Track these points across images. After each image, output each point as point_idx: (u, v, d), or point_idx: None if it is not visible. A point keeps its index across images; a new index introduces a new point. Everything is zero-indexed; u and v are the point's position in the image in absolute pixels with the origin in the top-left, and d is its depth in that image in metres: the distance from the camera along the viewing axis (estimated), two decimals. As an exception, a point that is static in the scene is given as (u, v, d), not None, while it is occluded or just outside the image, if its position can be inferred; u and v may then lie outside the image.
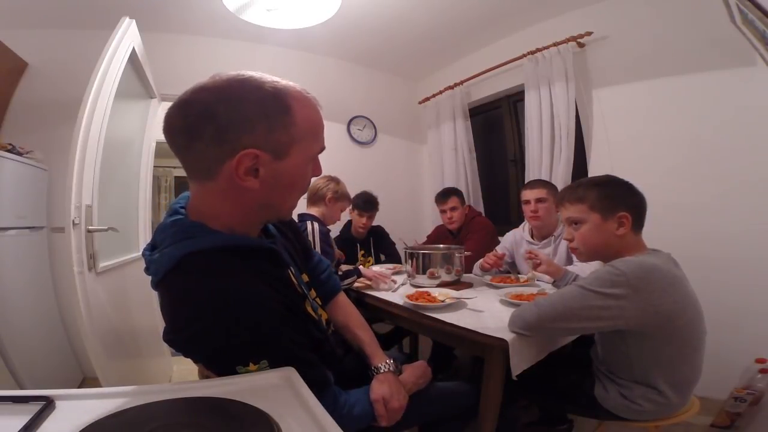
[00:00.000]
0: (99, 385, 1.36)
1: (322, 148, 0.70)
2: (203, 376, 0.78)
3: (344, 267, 1.83)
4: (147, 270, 0.69)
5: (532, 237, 1.91)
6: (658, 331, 0.96)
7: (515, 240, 2.02)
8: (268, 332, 0.62)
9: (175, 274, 0.61)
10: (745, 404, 1.51)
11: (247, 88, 0.60)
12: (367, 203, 2.38)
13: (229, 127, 0.58)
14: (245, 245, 0.67)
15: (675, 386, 1.00)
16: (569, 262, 1.71)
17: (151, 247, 0.70)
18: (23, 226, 1.95)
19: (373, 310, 1.57)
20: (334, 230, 2.22)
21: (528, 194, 1.85)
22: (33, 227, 2.04)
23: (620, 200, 1.06)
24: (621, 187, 1.10)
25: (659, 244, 1.09)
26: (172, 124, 0.61)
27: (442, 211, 2.40)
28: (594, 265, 1.58)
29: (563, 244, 1.79)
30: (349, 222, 2.49)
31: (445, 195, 2.37)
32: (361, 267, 1.77)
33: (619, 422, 1.11)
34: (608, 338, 1.08)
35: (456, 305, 1.33)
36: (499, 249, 2.07)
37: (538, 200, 1.81)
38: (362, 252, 2.45)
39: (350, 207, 2.37)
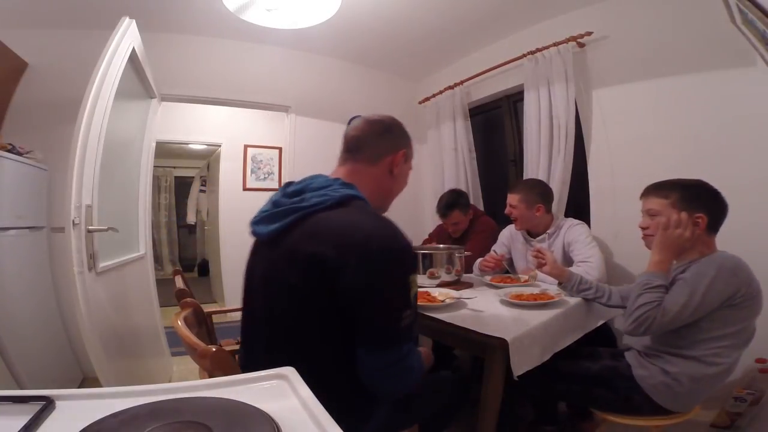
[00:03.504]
0: (99, 385, 1.36)
1: (411, 168, 1.04)
2: (204, 375, 0.78)
3: None
4: (275, 215, 0.85)
5: (528, 233, 1.92)
6: (745, 311, 1.06)
7: (511, 236, 2.03)
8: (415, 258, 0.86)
9: (342, 205, 0.83)
10: (745, 404, 1.51)
11: (401, 123, 1.02)
12: None
13: (398, 137, 0.98)
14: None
15: (728, 367, 1.08)
16: (566, 263, 1.71)
17: (292, 194, 0.89)
18: (23, 226, 1.95)
19: (373, 310, 1.57)
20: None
21: (508, 198, 1.88)
22: (33, 227, 2.04)
23: (701, 203, 1.14)
24: (706, 192, 1.17)
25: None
26: (363, 129, 0.97)
27: (445, 223, 2.35)
28: (597, 268, 1.59)
29: (558, 242, 1.80)
30: None
31: (446, 209, 2.25)
32: None
33: (618, 423, 1.12)
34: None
35: (456, 305, 1.33)
36: (497, 245, 2.07)
37: (511, 206, 1.85)
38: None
39: None
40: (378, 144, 0.95)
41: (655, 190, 1.22)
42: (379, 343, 0.77)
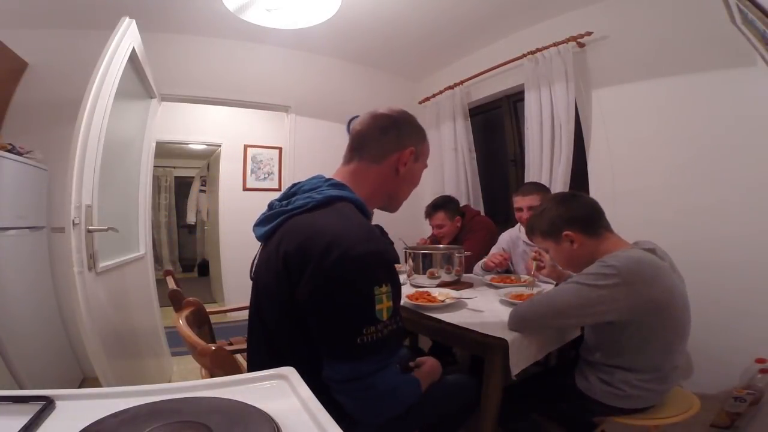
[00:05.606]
0: (99, 385, 1.36)
1: (426, 166, 0.99)
2: (204, 375, 0.78)
3: None
4: (269, 217, 0.86)
5: (529, 237, 1.90)
6: (651, 319, 0.98)
7: (511, 240, 2.00)
8: (394, 269, 0.76)
9: (323, 207, 0.79)
10: (745, 404, 1.51)
11: (413, 117, 0.96)
12: None
13: (406, 134, 0.91)
14: (370, 216, 0.89)
15: (660, 371, 1.03)
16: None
17: (284, 197, 0.89)
18: (23, 226, 1.95)
19: (373, 310, 1.56)
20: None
21: (519, 201, 1.81)
22: (33, 227, 2.04)
23: (559, 222, 1.12)
24: (558, 207, 1.15)
25: (660, 245, 1.09)
26: (367, 124, 0.91)
27: (430, 224, 2.34)
28: None
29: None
30: None
31: (432, 210, 2.25)
32: None
33: (618, 423, 1.11)
34: (600, 327, 1.09)
35: (456, 305, 1.33)
36: (495, 249, 2.05)
37: (531, 208, 1.77)
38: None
39: None
40: (382, 141, 0.88)
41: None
42: (332, 356, 0.71)
